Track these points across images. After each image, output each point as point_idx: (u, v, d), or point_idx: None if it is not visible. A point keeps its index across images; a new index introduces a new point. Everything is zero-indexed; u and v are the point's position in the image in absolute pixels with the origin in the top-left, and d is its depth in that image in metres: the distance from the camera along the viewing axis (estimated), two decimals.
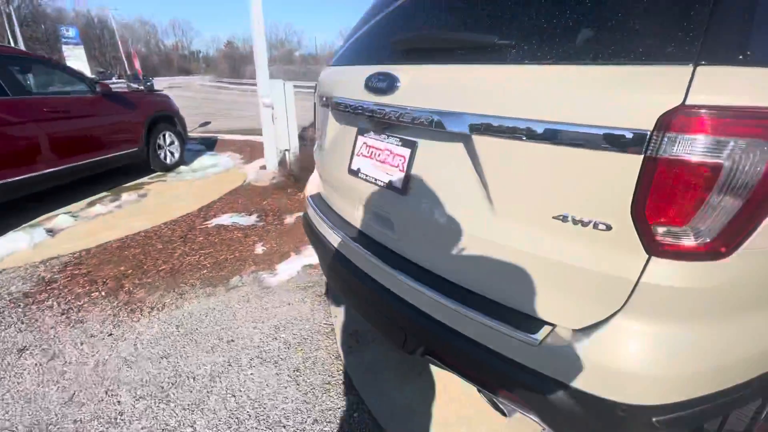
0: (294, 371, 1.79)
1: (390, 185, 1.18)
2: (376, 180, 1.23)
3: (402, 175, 1.14)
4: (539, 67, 0.83)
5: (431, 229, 1.08)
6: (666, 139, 0.67)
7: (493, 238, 0.94)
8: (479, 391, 1.16)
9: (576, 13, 0.82)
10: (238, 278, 2.63)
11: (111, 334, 2.09)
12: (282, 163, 4.89)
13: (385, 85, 1.11)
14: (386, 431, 1.50)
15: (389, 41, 1.20)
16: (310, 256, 2.89)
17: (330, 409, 1.59)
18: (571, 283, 0.85)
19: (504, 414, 1.08)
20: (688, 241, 0.72)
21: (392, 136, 1.18)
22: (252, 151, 6.61)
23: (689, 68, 0.66)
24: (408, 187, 1.13)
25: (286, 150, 4.66)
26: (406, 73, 1.08)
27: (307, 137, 5.49)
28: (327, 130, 1.56)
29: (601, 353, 0.82)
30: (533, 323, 0.90)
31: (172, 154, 5.49)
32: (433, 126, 0.99)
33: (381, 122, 1.18)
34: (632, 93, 0.71)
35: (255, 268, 2.77)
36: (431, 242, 1.09)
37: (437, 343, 1.06)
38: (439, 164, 1.05)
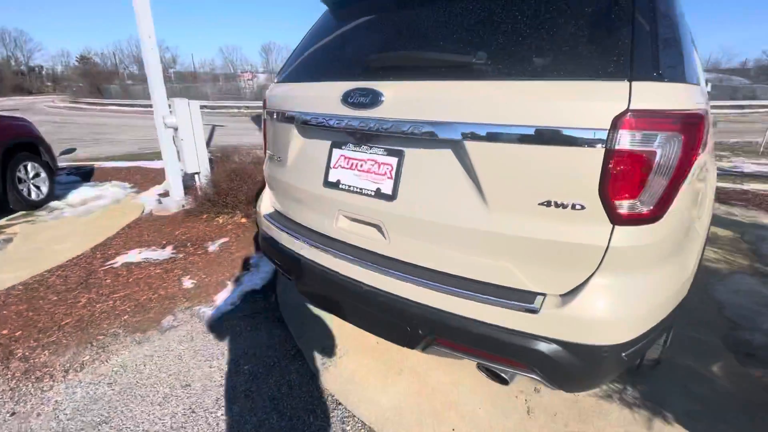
0: (271, 400, 1.68)
1: (378, 193, 1.25)
2: (361, 189, 1.29)
3: (391, 182, 1.22)
4: (521, 82, 1.02)
5: (426, 228, 1.18)
6: (619, 135, 0.91)
7: (487, 228, 1.09)
8: (479, 367, 1.29)
9: (544, 41, 1.03)
10: (171, 318, 2.33)
11: (14, 413, 1.67)
12: (190, 187, 4.46)
13: (368, 100, 1.19)
14: None
15: (369, 58, 1.29)
16: (250, 281, 2.72)
17: (321, 428, 1.55)
18: (555, 256, 1.04)
19: (506, 382, 1.23)
20: (638, 210, 0.96)
21: (376, 147, 1.25)
22: (143, 179, 5.86)
23: (627, 83, 0.91)
24: (397, 193, 1.21)
25: (195, 173, 4.27)
26: (389, 89, 1.17)
27: (214, 158, 5.11)
28: (290, 146, 1.55)
29: (584, 309, 1.03)
30: (529, 296, 1.07)
31: (38, 188, 4.55)
32: (425, 135, 1.10)
33: (364, 135, 1.25)
34: (592, 101, 0.93)
35: (189, 303, 2.49)
36: (427, 240, 1.20)
37: (445, 330, 1.16)
38: (429, 169, 1.16)
